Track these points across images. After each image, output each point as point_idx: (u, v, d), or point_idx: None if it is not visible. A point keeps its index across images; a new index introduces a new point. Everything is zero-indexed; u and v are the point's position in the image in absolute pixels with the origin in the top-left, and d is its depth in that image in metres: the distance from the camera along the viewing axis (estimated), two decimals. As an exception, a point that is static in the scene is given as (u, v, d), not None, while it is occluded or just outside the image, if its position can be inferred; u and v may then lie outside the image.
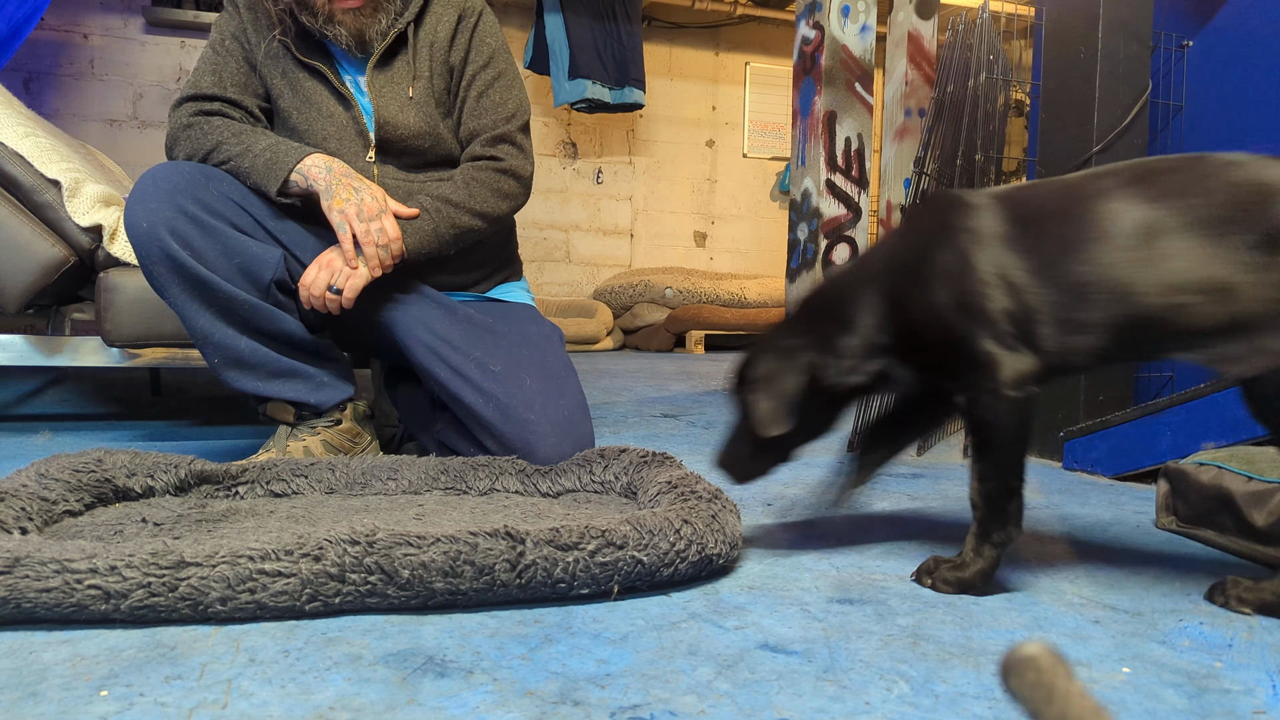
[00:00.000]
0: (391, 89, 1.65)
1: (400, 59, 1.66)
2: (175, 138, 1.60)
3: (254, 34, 1.64)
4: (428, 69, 1.67)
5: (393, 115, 1.64)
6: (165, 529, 1.14)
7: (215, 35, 1.67)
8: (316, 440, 1.60)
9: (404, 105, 1.65)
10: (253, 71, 1.65)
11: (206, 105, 1.61)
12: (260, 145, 1.54)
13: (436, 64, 1.68)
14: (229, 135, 1.57)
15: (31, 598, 0.85)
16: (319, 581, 0.90)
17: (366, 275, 1.53)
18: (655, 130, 6.66)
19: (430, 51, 1.68)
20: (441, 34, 1.68)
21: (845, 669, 0.82)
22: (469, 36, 1.70)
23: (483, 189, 1.65)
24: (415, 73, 1.66)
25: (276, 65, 1.64)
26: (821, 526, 1.35)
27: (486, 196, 1.65)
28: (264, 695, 0.74)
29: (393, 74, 1.66)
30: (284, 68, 1.64)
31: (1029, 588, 1.07)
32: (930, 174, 2.27)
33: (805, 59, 3.69)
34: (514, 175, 1.68)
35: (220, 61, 1.64)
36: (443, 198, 1.62)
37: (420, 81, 1.66)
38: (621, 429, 2.33)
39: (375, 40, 1.62)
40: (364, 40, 1.61)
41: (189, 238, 1.47)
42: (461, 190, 1.63)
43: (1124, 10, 1.91)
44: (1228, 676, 0.82)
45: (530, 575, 0.94)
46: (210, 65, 1.64)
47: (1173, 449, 1.64)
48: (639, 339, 5.81)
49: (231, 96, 1.62)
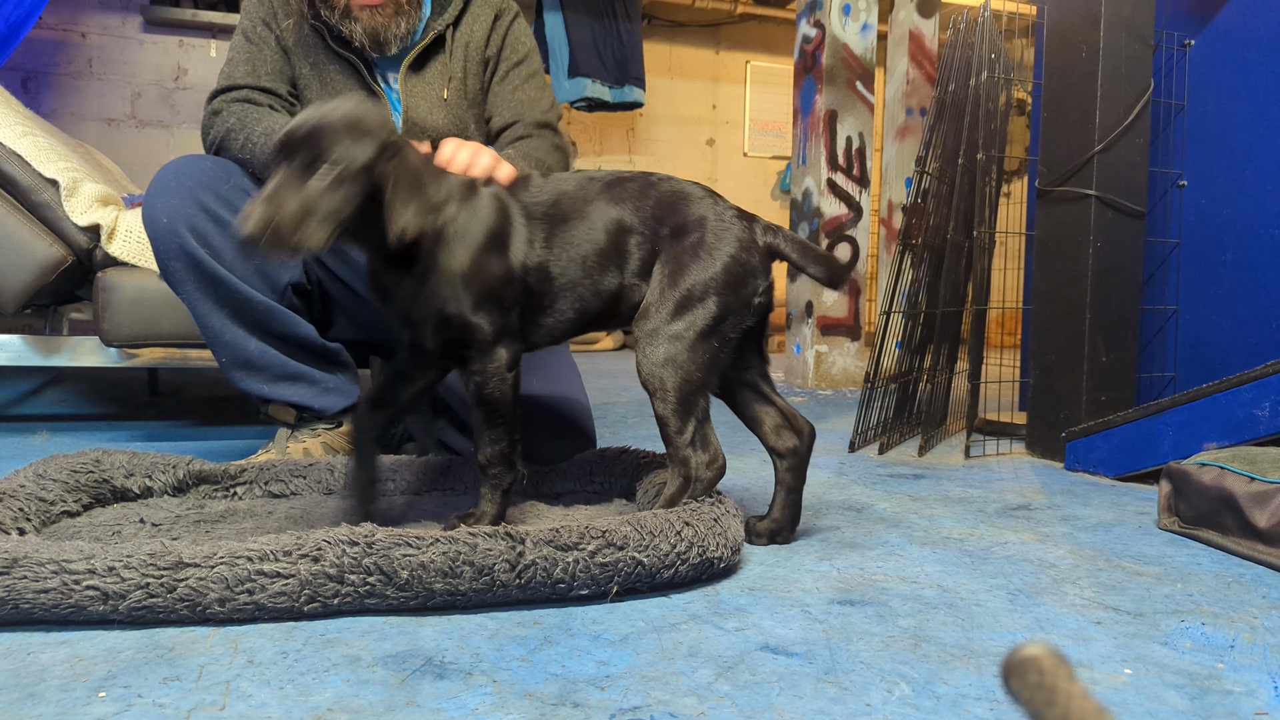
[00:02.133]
0: (424, 90, 1.64)
1: (436, 61, 1.65)
2: (206, 127, 1.59)
3: (284, 18, 1.62)
4: (461, 69, 1.66)
5: (421, 117, 1.63)
6: (163, 529, 1.14)
7: (246, 22, 1.64)
8: (316, 442, 1.59)
9: (434, 107, 1.63)
10: (285, 57, 1.63)
11: (238, 94, 1.59)
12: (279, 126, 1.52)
13: (472, 63, 1.67)
14: (255, 122, 1.55)
15: (30, 599, 0.85)
16: (318, 582, 0.90)
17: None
18: (655, 129, 6.66)
19: (466, 51, 1.67)
20: (478, 33, 1.67)
21: (846, 670, 0.82)
22: (504, 33, 1.69)
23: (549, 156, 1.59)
24: (450, 74, 1.65)
25: (307, 54, 1.62)
26: (823, 527, 1.34)
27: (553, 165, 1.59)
28: (262, 696, 0.73)
29: (427, 76, 1.64)
30: (315, 58, 1.62)
31: (1031, 589, 1.07)
32: (932, 173, 2.27)
33: (806, 57, 3.69)
34: (565, 156, 1.66)
35: (254, 50, 1.61)
36: (526, 154, 1.55)
37: (454, 83, 1.65)
38: (621, 429, 2.32)
39: (393, 43, 1.58)
40: (379, 41, 1.58)
41: (207, 235, 1.45)
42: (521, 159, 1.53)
43: (1126, 9, 1.91)
44: (1230, 677, 0.82)
45: (530, 576, 0.94)
46: (244, 54, 1.62)
47: (1175, 449, 1.64)
48: (639, 338, 5.80)
49: (266, 85, 1.60)
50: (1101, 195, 1.90)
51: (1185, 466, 1.37)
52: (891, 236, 4.20)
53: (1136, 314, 1.97)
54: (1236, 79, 2.03)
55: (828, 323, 3.58)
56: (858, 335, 3.66)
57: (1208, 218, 2.08)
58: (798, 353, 3.66)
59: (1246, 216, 1.99)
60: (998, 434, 2.24)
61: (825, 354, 3.58)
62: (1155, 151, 2.12)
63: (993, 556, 1.20)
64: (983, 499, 1.57)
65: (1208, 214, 2.08)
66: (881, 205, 4.29)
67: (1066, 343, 1.94)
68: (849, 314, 3.63)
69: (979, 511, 1.47)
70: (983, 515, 1.45)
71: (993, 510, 1.49)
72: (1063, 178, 1.96)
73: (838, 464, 1.89)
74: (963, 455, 2.03)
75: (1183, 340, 2.12)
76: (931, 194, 2.26)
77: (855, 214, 3.62)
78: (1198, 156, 2.10)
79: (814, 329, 3.56)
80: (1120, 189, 1.92)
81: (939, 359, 2.32)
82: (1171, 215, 2.15)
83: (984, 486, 1.68)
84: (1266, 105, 1.96)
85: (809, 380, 3.58)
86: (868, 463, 1.93)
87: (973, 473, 1.83)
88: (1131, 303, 1.95)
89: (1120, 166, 1.92)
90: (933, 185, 2.27)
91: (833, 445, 2.14)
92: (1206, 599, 1.05)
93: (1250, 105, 1.99)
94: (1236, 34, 2.03)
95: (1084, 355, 1.90)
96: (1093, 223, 1.90)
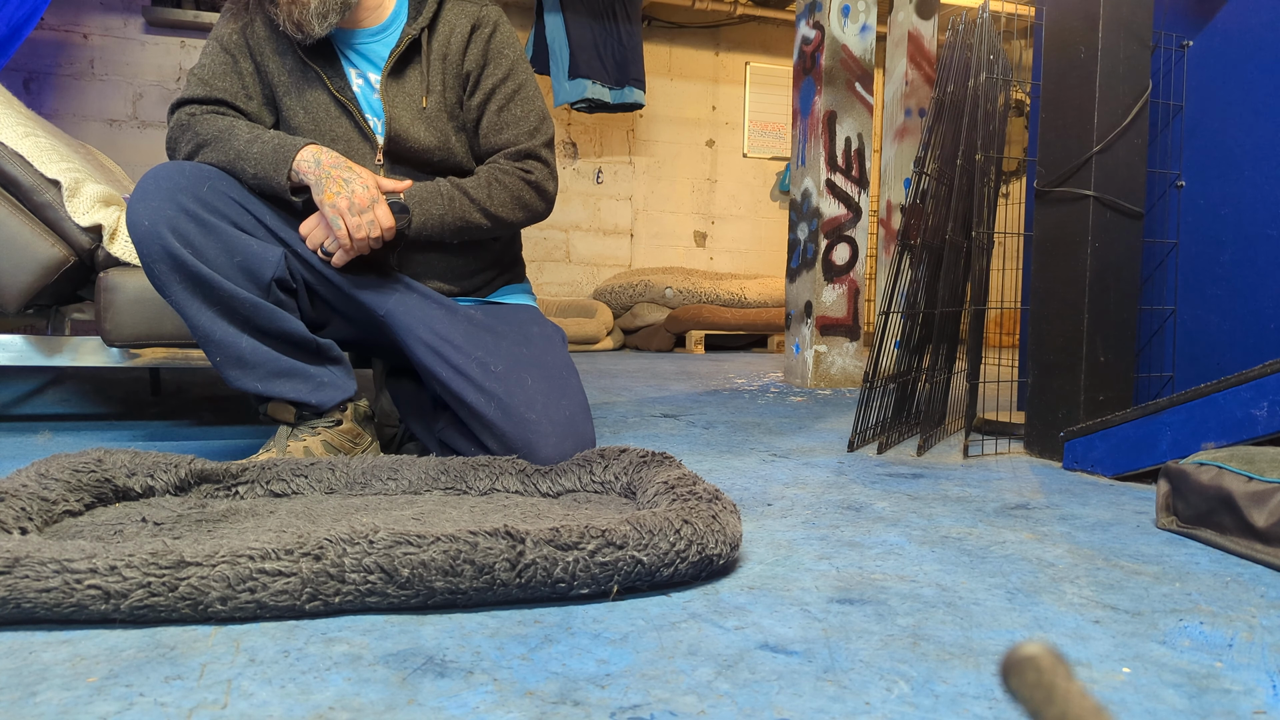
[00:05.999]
0: (404, 99, 1.64)
1: (414, 69, 1.66)
2: (174, 139, 1.61)
3: (264, 27, 1.64)
4: (440, 82, 1.66)
5: (404, 128, 1.64)
6: (165, 529, 1.14)
7: (217, 32, 1.66)
8: (317, 440, 1.60)
9: (415, 118, 1.64)
10: (256, 70, 1.65)
11: (204, 105, 1.61)
12: (257, 142, 1.54)
13: (449, 76, 1.67)
14: (226, 132, 1.56)
15: (31, 598, 0.85)
16: (319, 581, 0.90)
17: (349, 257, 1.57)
18: (655, 130, 6.66)
19: (443, 64, 1.67)
20: (454, 45, 1.67)
21: (845, 669, 0.82)
22: (483, 46, 1.68)
23: (504, 193, 1.65)
24: (428, 85, 1.65)
25: (283, 61, 1.64)
26: (822, 526, 1.35)
27: (505, 201, 1.65)
28: (264, 695, 0.74)
29: (406, 85, 1.65)
30: (290, 64, 1.64)
31: (1029, 588, 1.07)
32: (930, 174, 2.27)
33: (805, 59, 3.69)
34: (538, 189, 1.69)
35: (221, 60, 1.63)
36: (462, 188, 1.62)
37: (433, 95, 1.65)
38: (621, 429, 2.33)
39: (313, 22, 1.56)
40: (296, 22, 1.55)
41: (190, 236, 1.47)
42: (482, 189, 1.63)
43: (1124, 10, 1.91)
44: (1228, 676, 0.82)
45: (530, 575, 0.94)
46: (209, 65, 1.63)
47: (1173, 449, 1.64)
48: (639, 339, 5.81)
49: (226, 99, 1.62)
50: (1100, 196, 1.90)
51: (1183, 466, 1.38)
52: (890, 237, 4.21)
53: (1135, 314, 1.98)
54: (1235, 80, 2.03)
55: (827, 323, 3.58)
56: (857, 335, 3.67)
57: (1206, 218, 2.08)
58: (796, 352, 3.67)
59: (1245, 217, 2.00)
60: (996, 433, 2.24)
61: (824, 354, 3.58)
62: (1154, 152, 2.13)
63: (991, 555, 1.21)
64: (981, 498, 1.58)
65: (1206, 214, 2.08)
66: (880, 206, 4.29)
67: (1065, 343, 1.94)
68: (848, 314, 3.63)
69: (977, 511, 1.48)
70: (981, 514, 1.45)
71: (991, 509, 1.49)
72: (1061, 178, 1.96)
73: (836, 463, 1.90)
74: (961, 455, 2.04)
75: (1181, 340, 2.13)
76: (930, 195, 2.26)
77: (854, 214, 3.63)
78: (1196, 157, 2.11)
79: (813, 329, 3.56)
80: (1119, 189, 1.93)
81: (938, 359, 2.32)
82: (1170, 216, 2.15)
83: (982, 486, 1.69)
84: (1265, 106, 1.96)
85: (808, 380, 3.58)
86: (866, 462, 1.93)
87: (971, 472, 1.83)
88: (1130, 303, 1.96)
89: (1119, 167, 1.92)
90: (931, 186, 2.27)
91: (831, 445, 2.14)
92: (1205, 598, 1.05)
93: (1249, 106, 2.00)
94: (1235, 35, 2.03)
95: (1082, 355, 1.90)
96: (1091, 223, 1.90)
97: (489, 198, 1.63)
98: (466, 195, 1.62)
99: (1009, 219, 2.62)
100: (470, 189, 1.62)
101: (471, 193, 1.62)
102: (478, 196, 1.62)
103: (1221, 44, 2.06)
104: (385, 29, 1.68)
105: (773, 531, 1.31)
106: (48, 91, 5.24)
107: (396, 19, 1.68)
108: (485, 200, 1.63)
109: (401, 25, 1.68)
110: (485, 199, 1.63)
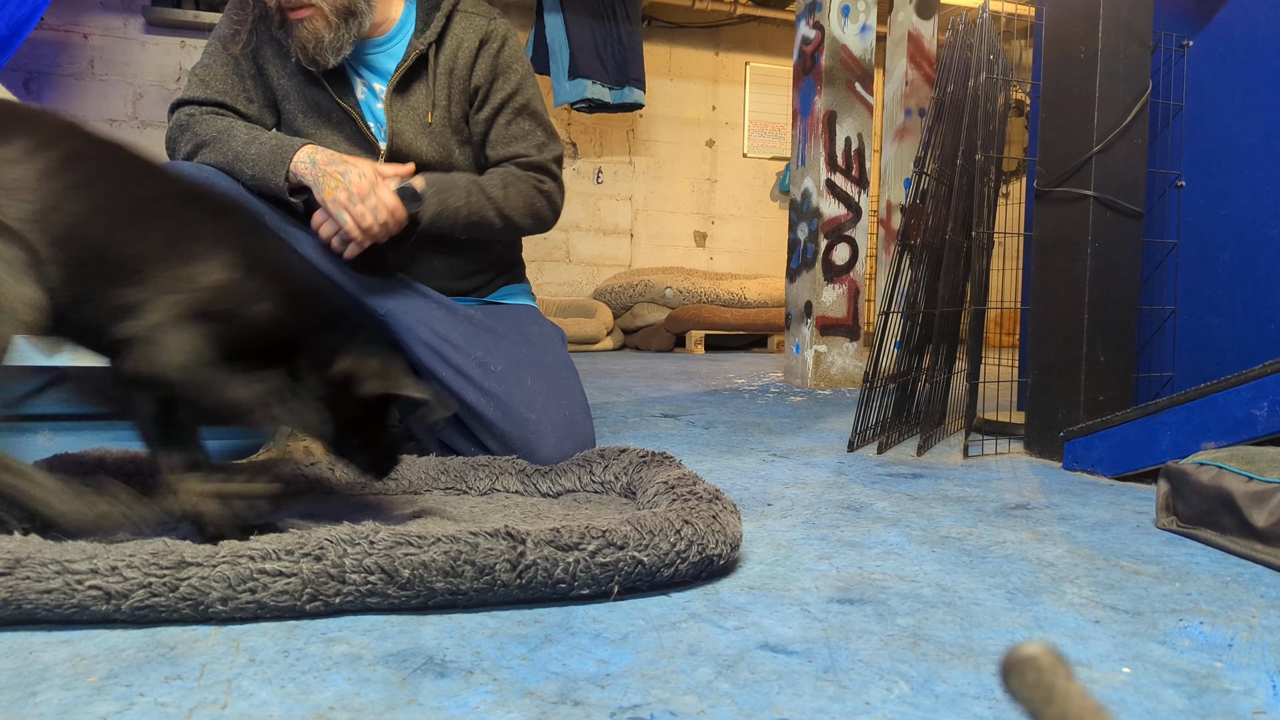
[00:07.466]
0: (409, 114, 1.64)
1: (420, 83, 1.65)
2: (174, 139, 1.60)
3: (263, 29, 1.64)
4: (446, 96, 1.66)
5: (407, 142, 1.63)
6: (166, 528, 1.14)
7: (218, 32, 1.66)
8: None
9: (419, 132, 1.64)
10: (258, 72, 1.65)
11: (204, 106, 1.61)
12: (255, 144, 1.54)
13: (456, 90, 1.67)
14: (224, 133, 1.56)
15: (32, 599, 0.85)
16: (319, 581, 0.90)
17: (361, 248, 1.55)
18: (655, 130, 6.66)
19: (450, 78, 1.66)
20: (462, 59, 1.66)
21: (845, 669, 0.82)
22: (492, 61, 1.67)
23: (519, 197, 1.65)
24: (434, 100, 1.64)
25: (285, 65, 1.63)
26: (822, 526, 1.35)
27: (519, 205, 1.65)
28: (264, 695, 0.74)
29: (411, 99, 1.64)
30: (292, 69, 1.63)
31: (1029, 588, 1.07)
32: (930, 174, 2.27)
33: (805, 59, 3.69)
34: (549, 200, 1.70)
35: (219, 63, 1.63)
36: (479, 184, 1.62)
37: (439, 110, 1.65)
38: (621, 429, 2.33)
39: (327, 55, 1.56)
40: (310, 54, 1.55)
41: None
42: (498, 188, 1.63)
43: (1124, 10, 1.91)
44: (1228, 676, 0.82)
45: (531, 575, 0.94)
46: (210, 66, 1.63)
47: (1173, 449, 1.64)
48: (639, 339, 5.81)
49: (226, 102, 1.62)
50: (1100, 196, 1.91)
51: (1183, 466, 1.38)
52: (890, 237, 4.21)
53: (1135, 314, 1.98)
54: (1235, 80, 2.03)
55: (827, 323, 3.58)
56: (856, 335, 3.67)
57: (1206, 218, 2.08)
58: (796, 352, 3.67)
59: (1245, 217, 2.00)
60: (996, 433, 2.24)
61: (824, 354, 3.58)
62: (1153, 152, 2.13)
63: (991, 555, 1.21)
64: (981, 498, 1.58)
65: (1206, 214, 2.08)
66: (880, 206, 4.29)
67: (1065, 343, 1.94)
68: (848, 314, 3.63)
69: (977, 511, 1.48)
70: (981, 514, 1.45)
71: (991, 509, 1.49)
72: (1061, 178, 1.96)
73: (836, 463, 1.90)
74: (961, 455, 2.04)
75: (1181, 340, 2.13)
76: (930, 194, 2.26)
77: (854, 214, 3.63)
78: (1196, 157, 2.11)
79: (813, 329, 3.57)
80: (1118, 189, 1.93)
81: (938, 359, 2.32)
82: (1170, 216, 2.15)
83: (982, 486, 1.69)
84: (1265, 106, 1.96)
85: (808, 380, 3.58)
86: (866, 462, 1.93)
87: (971, 472, 1.83)
88: (1130, 303, 1.96)
89: (1118, 167, 1.92)
90: (931, 186, 2.27)
91: (831, 445, 2.14)
92: (1205, 598, 1.05)
93: (1249, 106, 2.00)
94: (1235, 35, 2.03)
95: (1082, 355, 1.90)
96: (1091, 223, 1.90)
97: (505, 198, 1.63)
98: (484, 192, 1.62)
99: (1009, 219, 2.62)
100: (487, 186, 1.62)
101: (489, 190, 1.62)
102: (494, 195, 1.62)
103: (1221, 44, 2.06)
104: (391, 39, 1.67)
105: (773, 531, 1.31)
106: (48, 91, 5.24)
107: (403, 29, 1.68)
108: (501, 200, 1.63)
109: (408, 36, 1.67)
110: (501, 199, 1.63)
